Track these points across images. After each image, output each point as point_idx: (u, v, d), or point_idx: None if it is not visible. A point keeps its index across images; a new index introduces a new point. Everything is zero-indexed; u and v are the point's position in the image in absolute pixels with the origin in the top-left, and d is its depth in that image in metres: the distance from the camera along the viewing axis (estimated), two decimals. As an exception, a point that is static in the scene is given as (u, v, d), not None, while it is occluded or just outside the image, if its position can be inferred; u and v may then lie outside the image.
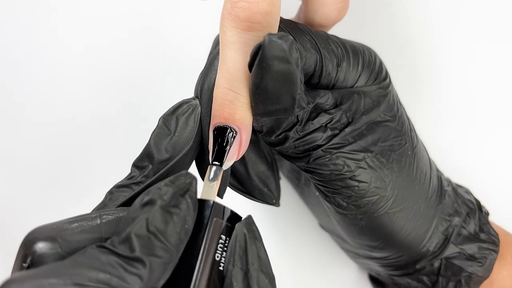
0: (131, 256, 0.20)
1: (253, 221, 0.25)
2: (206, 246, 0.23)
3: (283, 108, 0.24)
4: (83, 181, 0.41)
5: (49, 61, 0.43)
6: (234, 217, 0.24)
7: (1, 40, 0.44)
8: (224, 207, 0.24)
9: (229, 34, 0.24)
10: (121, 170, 0.28)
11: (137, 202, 0.22)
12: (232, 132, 0.25)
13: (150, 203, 0.22)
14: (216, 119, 0.25)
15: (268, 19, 0.23)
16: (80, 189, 0.41)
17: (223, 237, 0.24)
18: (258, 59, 0.22)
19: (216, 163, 0.26)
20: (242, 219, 0.25)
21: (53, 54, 0.43)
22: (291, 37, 0.22)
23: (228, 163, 0.26)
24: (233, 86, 0.24)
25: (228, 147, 0.25)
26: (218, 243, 0.23)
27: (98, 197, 0.27)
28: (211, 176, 0.26)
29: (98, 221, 0.22)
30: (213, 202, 0.24)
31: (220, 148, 0.25)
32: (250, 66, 0.23)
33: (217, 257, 0.23)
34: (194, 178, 0.23)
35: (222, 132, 0.25)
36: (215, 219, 0.24)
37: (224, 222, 0.24)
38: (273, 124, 0.26)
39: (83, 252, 0.21)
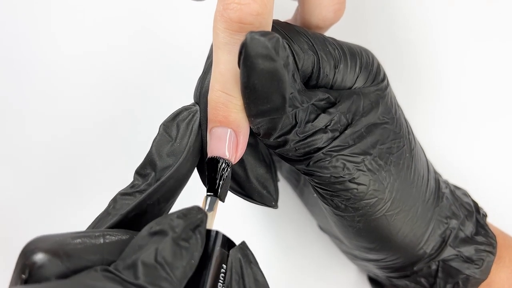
0: (135, 283, 0.20)
1: (246, 246, 0.24)
2: (211, 277, 0.23)
3: (275, 108, 0.24)
4: (85, 185, 0.41)
5: (50, 65, 0.43)
6: (231, 245, 0.24)
7: (2, 43, 0.44)
8: (224, 236, 0.24)
9: (221, 35, 0.23)
10: (122, 173, 0.28)
11: (145, 230, 0.22)
12: (225, 164, 0.25)
13: (160, 233, 0.21)
14: (212, 123, 0.25)
15: (260, 20, 0.23)
16: (81, 193, 0.41)
17: (224, 266, 0.23)
18: (243, 57, 0.22)
19: (210, 194, 0.26)
20: (236, 245, 0.24)
21: (54, 58, 0.44)
22: (277, 35, 0.22)
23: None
24: (226, 88, 0.24)
25: (221, 180, 0.25)
26: (220, 273, 0.23)
27: (99, 201, 0.26)
28: (207, 207, 0.26)
29: (101, 241, 0.22)
30: (216, 232, 0.24)
31: (213, 179, 0.25)
32: (239, 66, 0.23)
33: (220, 286, 0.23)
34: (205, 214, 0.23)
35: (214, 163, 0.25)
36: (218, 248, 0.23)
37: (225, 251, 0.24)
38: (269, 125, 0.25)
39: (87, 273, 0.20)
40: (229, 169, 0.25)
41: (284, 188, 0.40)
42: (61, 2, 0.44)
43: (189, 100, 0.28)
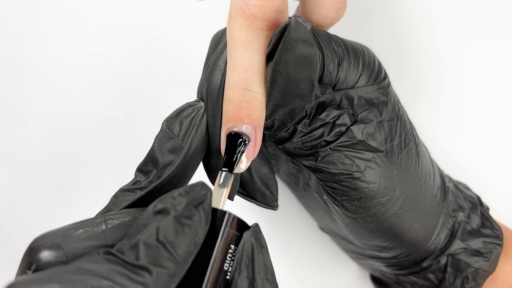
0: (136, 264, 0.20)
1: (260, 229, 0.24)
2: (217, 257, 0.23)
3: (302, 95, 0.24)
4: (86, 184, 0.41)
5: (50, 66, 0.43)
6: (242, 226, 0.24)
7: (2, 43, 0.44)
8: (234, 215, 0.24)
9: (243, 33, 0.23)
10: (123, 173, 0.28)
11: (150, 208, 0.22)
12: (244, 139, 0.25)
13: (163, 211, 0.21)
14: (232, 122, 0.25)
15: (283, 17, 0.24)
16: (82, 192, 0.41)
17: (232, 246, 0.23)
18: (283, 41, 0.22)
19: (226, 169, 0.25)
20: (250, 227, 0.24)
21: (54, 59, 0.44)
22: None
23: (246, 164, 0.25)
24: (250, 85, 0.24)
25: (239, 154, 0.25)
26: (227, 253, 0.23)
27: (99, 200, 0.26)
28: (221, 181, 0.25)
29: (103, 227, 0.22)
30: (226, 212, 0.24)
31: (231, 154, 0.25)
32: (270, 55, 0.23)
33: (226, 266, 0.23)
34: (209, 190, 0.22)
35: (233, 139, 0.25)
36: (227, 229, 0.23)
37: (235, 232, 0.24)
38: (286, 117, 0.25)
39: (88, 257, 0.20)
40: (247, 145, 0.25)
41: (283, 189, 0.39)
42: (62, 2, 0.44)
43: (189, 99, 0.28)
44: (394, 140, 0.28)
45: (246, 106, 0.24)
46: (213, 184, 0.28)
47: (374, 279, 0.37)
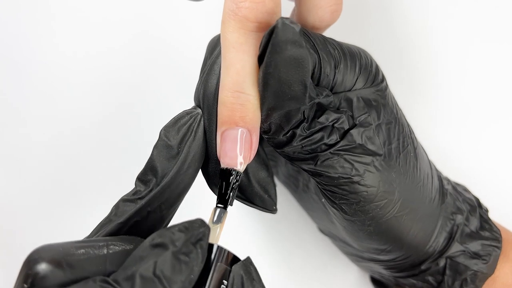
0: None
1: (250, 262, 0.24)
2: None
3: (295, 97, 0.24)
4: (86, 186, 0.41)
5: (50, 66, 0.44)
6: (234, 260, 0.24)
7: (3, 43, 0.44)
8: (227, 251, 0.24)
9: (236, 35, 0.23)
10: (123, 172, 0.28)
11: (148, 241, 0.22)
12: (236, 175, 0.25)
13: (161, 246, 0.21)
14: (226, 125, 0.25)
15: (275, 19, 0.23)
16: (81, 191, 0.41)
17: (225, 282, 0.23)
18: (271, 43, 0.22)
19: (220, 205, 0.25)
20: (241, 260, 0.24)
21: (54, 59, 0.44)
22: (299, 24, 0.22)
23: (242, 167, 0.25)
24: (243, 87, 0.24)
25: (231, 192, 0.25)
26: None
27: (99, 200, 0.26)
28: (215, 219, 0.25)
29: (105, 251, 0.22)
30: (218, 246, 0.24)
31: (224, 191, 0.25)
32: (261, 57, 0.23)
33: None
34: (208, 228, 0.22)
35: (226, 175, 0.25)
36: (218, 264, 0.23)
37: (227, 267, 0.24)
38: (282, 120, 0.25)
39: (84, 284, 0.20)
40: (239, 180, 0.25)
41: (282, 191, 0.39)
42: (62, 2, 0.44)
43: (190, 100, 0.28)
44: (392, 143, 0.28)
45: (239, 109, 0.24)
46: (212, 189, 0.28)
47: (374, 281, 0.37)
